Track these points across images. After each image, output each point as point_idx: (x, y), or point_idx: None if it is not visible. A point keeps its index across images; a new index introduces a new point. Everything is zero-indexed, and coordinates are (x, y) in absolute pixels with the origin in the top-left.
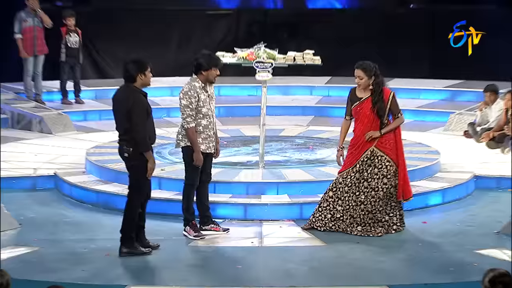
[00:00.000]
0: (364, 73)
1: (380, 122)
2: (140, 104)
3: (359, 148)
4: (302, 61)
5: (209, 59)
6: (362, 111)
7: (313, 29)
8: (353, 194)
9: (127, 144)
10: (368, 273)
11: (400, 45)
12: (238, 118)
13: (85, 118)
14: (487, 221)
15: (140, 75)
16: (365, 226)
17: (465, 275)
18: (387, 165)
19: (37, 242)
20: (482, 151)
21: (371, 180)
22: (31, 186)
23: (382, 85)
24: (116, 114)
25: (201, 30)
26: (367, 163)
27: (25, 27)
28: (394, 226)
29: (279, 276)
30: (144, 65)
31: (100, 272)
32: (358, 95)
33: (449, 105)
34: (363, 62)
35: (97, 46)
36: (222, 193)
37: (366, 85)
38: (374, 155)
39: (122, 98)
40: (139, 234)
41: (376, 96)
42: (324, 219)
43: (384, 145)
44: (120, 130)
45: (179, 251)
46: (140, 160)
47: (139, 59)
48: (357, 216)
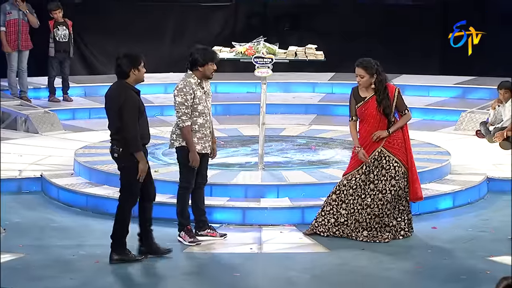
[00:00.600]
0: (365, 71)
1: (387, 121)
2: (132, 101)
3: (366, 149)
4: (304, 56)
5: (204, 54)
6: (368, 111)
7: (316, 22)
8: (359, 197)
9: (117, 144)
10: (373, 281)
11: (408, 38)
12: (236, 116)
13: (74, 117)
14: (500, 226)
15: (134, 70)
16: (371, 231)
17: (477, 283)
18: (395, 166)
19: (23, 248)
20: (495, 151)
21: (378, 182)
22: (16, 189)
23: (386, 82)
24: (108, 112)
25: (196, 23)
26: (374, 164)
27: (9, 19)
28: (402, 231)
29: (280, 284)
30: (137, 59)
31: (89, 280)
32: (362, 95)
33: (460, 103)
34: (363, 59)
35: (85, 40)
36: (219, 196)
37: (367, 84)
38: (382, 156)
39: (114, 95)
40: (147, 238)
41: (381, 95)
42: (327, 224)
43: (392, 145)
44: (112, 129)
45: (173, 257)
46: (132, 161)
47: (131, 53)
48: (362, 221)
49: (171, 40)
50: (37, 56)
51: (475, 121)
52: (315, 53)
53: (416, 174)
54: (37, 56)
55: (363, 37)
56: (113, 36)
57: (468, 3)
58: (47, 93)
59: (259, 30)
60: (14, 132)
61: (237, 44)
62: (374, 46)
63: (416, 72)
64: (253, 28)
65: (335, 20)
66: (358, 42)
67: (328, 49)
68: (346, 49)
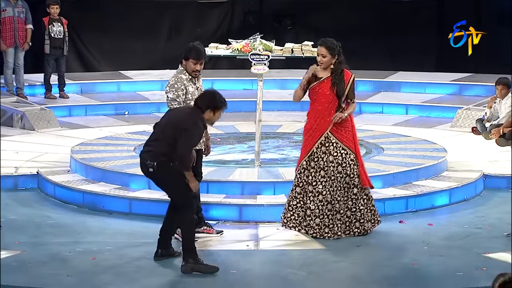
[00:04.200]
0: (328, 51)
1: (337, 105)
2: (201, 130)
3: (314, 133)
4: (301, 53)
5: (189, 50)
6: (321, 91)
7: (312, 19)
8: (309, 184)
9: (151, 159)
10: (370, 278)
11: (404, 35)
12: (232, 113)
13: (70, 114)
14: (496, 223)
15: (210, 112)
16: (323, 218)
17: (473, 280)
18: (342, 153)
19: (19, 246)
20: (492, 148)
21: (327, 169)
22: (12, 185)
23: (344, 65)
24: (167, 127)
25: (193, 20)
26: (322, 150)
27: (4, 17)
28: (357, 223)
29: (276, 281)
30: (218, 106)
31: (86, 277)
32: (318, 75)
33: (457, 100)
34: (326, 39)
35: (82, 37)
36: (216, 193)
37: (328, 64)
38: (329, 142)
39: (186, 116)
40: (167, 241)
41: (337, 76)
42: (297, 219)
43: (340, 131)
44: (162, 141)
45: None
46: (165, 172)
47: (219, 98)
48: (314, 208)
49: (168, 37)
50: (33, 53)
51: (472, 118)
52: (311, 50)
53: (361, 162)
54: (33, 53)
55: (359, 34)
56: (109, 33)
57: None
58: (43, 90)
59: (256, 27)
60: (10, 129)
61: (234, 41)
62: (370, 43)
63: (413, 69)
64: (249, 25)
65: (331, 17)
66: (354, 39)
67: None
68: (342, 45)
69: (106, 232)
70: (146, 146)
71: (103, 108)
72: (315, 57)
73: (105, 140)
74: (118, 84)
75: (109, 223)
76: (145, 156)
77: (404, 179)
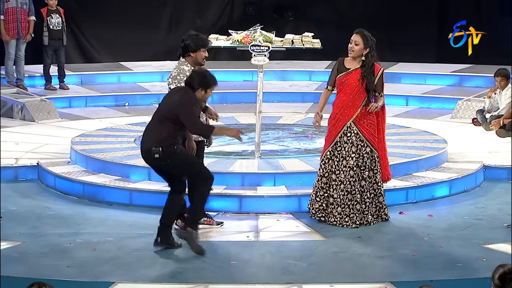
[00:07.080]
0: (362, 40)
1: (366, 98)
2: (198, 104)
3: (337, 123)
4: (301, 44)
5: (196, 40)
6: (348, 82)
7: (312, 10)
8: (333, 173)
9: (156, 145)
10: (370, 269)
11: (405, 26)
12: (233, 105)
13: (70, 105)
14: (496, 214)
15: (201, 90)
16: (344, 208)
17: (473, 271)
18: (359, 144)
19: (19, 236)
20: (492, 139)
21: (349, 159)
22: (13, 177)
23: (375, 60)
24: (163, 111)
25: (193, 11)
26: (344, 139)
27: (7, 7)
28: (370, 216)
29: (277, 272)
30: (209, 84)
31: (86, 268)
32: (347, 66)
33: (457, 91)
34: (364, 29)
35: (81, 28)
36: (216, 184)
37: (359, 53)
38: (352, 132)
39: (178, 97)
40: (169, 230)
41: (367, 70)
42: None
43: (362, 124)
44: (162, 125)
45: None
46: (169, 154)
47: (209, 77)
48: (337, 197)
49: (168, 28)
50: (32, 44)
51: (472, 109)
52: (312, 41)
53: (383, 156)
54: (32, 44)
55: (359, 25)
56: (109, 24)
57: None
58: (43, 81)
59: (256, 18)
60: (10, 120)
61: (234, 32)
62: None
63: (413, 60)
64: (249, 16)
65: (331, 8)
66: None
67: (324, 37)
68: (342, 37)
69: (106, 223)
70: (146, 134)
71: (103, 99)
72: (315, 48)
73: (105, 132)
74: (118, 75)
75: (109, 214)
76: (147, 143)
77: (404, 170)
